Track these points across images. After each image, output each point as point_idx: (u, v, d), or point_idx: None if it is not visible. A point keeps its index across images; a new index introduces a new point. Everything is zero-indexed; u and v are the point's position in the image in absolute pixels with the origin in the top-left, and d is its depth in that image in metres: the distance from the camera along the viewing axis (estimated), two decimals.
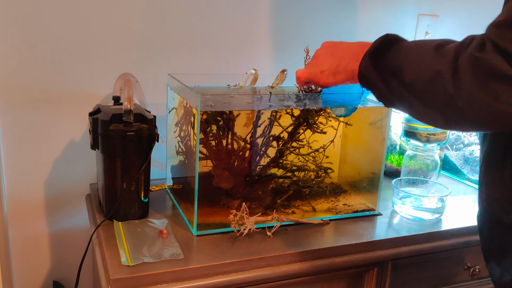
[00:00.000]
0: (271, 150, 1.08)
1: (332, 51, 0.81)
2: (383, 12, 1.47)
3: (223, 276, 0.88)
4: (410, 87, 0.64)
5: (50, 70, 1.16)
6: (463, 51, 0.58)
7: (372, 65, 0.70)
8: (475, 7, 1.60)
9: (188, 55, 1.28)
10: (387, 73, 0.68)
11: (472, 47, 0.57)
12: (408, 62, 0.65)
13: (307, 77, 0.84)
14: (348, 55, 0.77)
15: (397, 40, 0.70)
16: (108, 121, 0.96)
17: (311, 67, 0.84)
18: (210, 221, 1.00)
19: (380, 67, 0.69)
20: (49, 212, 1.26)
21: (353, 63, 0.75)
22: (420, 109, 0.65)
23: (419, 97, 0.63)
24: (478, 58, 0.56)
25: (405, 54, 0.66)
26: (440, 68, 0.60)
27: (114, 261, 0.86)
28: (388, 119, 1.08)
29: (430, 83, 0.61)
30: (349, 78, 0.77)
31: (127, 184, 0.99)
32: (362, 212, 1.11)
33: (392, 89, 0.67)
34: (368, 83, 0.72)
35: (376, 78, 0.69)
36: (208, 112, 0.98)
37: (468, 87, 0.57)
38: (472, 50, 0.57)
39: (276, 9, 1.34)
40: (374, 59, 0.70)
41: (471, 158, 1.35)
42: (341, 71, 0.77)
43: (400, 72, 0.65)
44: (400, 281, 1.08)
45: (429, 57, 0.62)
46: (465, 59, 0.57)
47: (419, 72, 0.63)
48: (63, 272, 1.31)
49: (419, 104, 0.64)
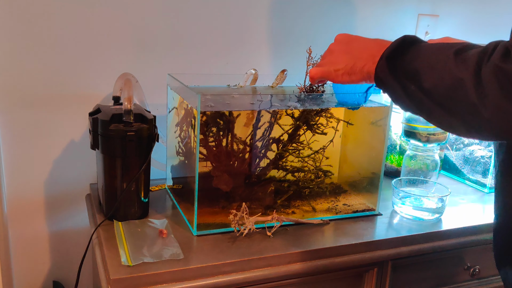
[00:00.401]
0: (271, 152, 1.08)
1: (347, 49, 0.78)
2: (383, 12, 1.47)
3: (223, 276, 0.88)
4: (430, 93, 0.62)
5: (50, 70, 1.16)
6: (486, 59, 0.56)
7: (388, 69, 0.67)
8: (475, 7, 1.60)
9: (188, 55, 1.28)
10: (404, 77, 0.65)
11: (496, 56, 0.55)
12: (427, 67, 0.62)
13: (321, 76, 0.81)
14: (365, 55, 0.74)
15: (415, 42, 0.67)
16: (108, 121, 0.96)
17: (325, 65, 0.81)
18: (210, 221, 1.00)
19: (397, 70, 0.67)
20: (49, 212, 1.26)
21: (370, 65, 0.72)
22: (440, 116, 0.63)
23: (440, 104, 0.61)
24: (503, 68, 0.54)
25: (423, 58, 0.64)
26: (461, 76, 0.58)
27: (114, 261, 0.86)
28: (388, 119, 1.08)
29: (452, 91, 0.59)
30: (365, 79, 0.74)
31: (127, 184, 0.99)
32: (362, 212, 1.11)
33: (410, 94, 0.65)
34: (385, 87, 0.70)
35: (393, 82, 0.67)
36: (208, 114, 0.98)
37: (494, 97, 0.55)
38: (496, 60, 0.55)
39: (276, 9, 1.34)
40: (391, 62, 0.67)
41: (471, 158, 1.35)
42: (356, 72, 0.75)
43: (418, 77, 0.63)
44: (400, 281, 1.08)
45: (449, 63, 0.60)
46: (489, 69, 0.55)
47: (438, 78, 0.61)
48: (63, 272, 1.31)
49: (439, 110, 0.62)
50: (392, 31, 1.49)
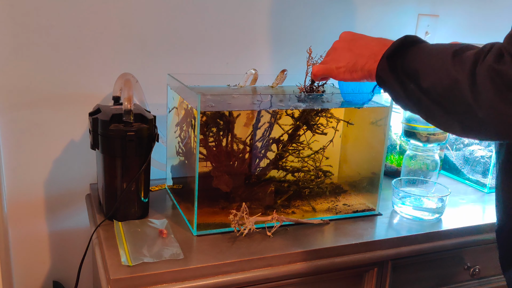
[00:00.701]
0: (271, 152, 1.08)
1: (350, 46, 0.80)
2: (383, 12, 1.47)
3: (223, 276, 0.88)
4: (428, 92, 0.63)
5: (50, 70, 1.16)
6: (481, 61, 0.57)
7: (389, 68, 0.69)
8: (475, 7, 1.60)
9: (188, 55, 1.28)
10: (404, 77, 0.67)
11: (490, 58, 0.57)
12: (426, 67, 0.64)
13: (323, 73, 0.83)
14: (367, 53, 0.75)
15: (416, 42, 0.68)
16: (108, 121, 0.96)
17: (328, 62, 0.82)
18: (210, 221, 1.00)
19: (397, 70, 0.68)
20: (49, 212, 1.26)
21: (371, 63, 0.73)
22: (438, 116, 0.64)
23: (438, 103, 0.62)
24: (496, 70, 0.56)
25: (423, 58, 0.65)
26: (457, 77, 0.59)
27: (114, 261, 0.86)
28: (388, 119, 1.08)
29: (448, 90, 0.60)
30: (366, 77, 0.76)
31: (127, 184, 0.99)
32: (362, 212, 1.11)
33: (409, 93, 0.66)
34: (385, 85, 0.71)
35: (393, 81, 0.68)
36: (208, 114, 0.98)
37: (488, 98, 0.56)
38: (490, 61, 0.56)
39: (276, 9, 1.34)
40: (392, 62, 0.69)
41: (471, 158, 1.35)
42: (358, 70, 0.76)
43: (417, 76, 0.64)
44: (400, 281, 1.08)
45: (447, 63, 0.61)
46: (483, 70, 0.57)
47: (436, 78, 0.62)
48: (63, 272, 1.31)
49: (437, 110, 0.63)
50: (392, 31, 1.49)
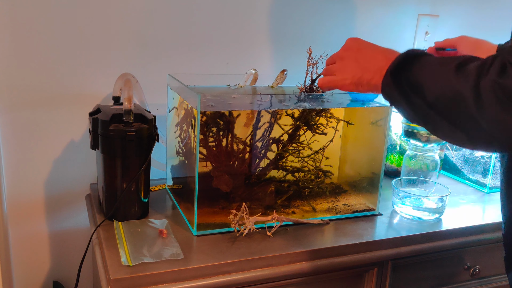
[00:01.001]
0: (271, 152, 1.08)
1: (357, 57, 0.79)
2: (383, 12, 1.47)
3: (223, 276, 0.88)
4: (433, 106, 0.63)
5: (50, 70, 1.16)
6: (484, 75, 0.58)
7: (393, 83, 0.69)
8: (475, 7, 1.60)
9: (188, 55, 1.28)
10: (409, 91, 0.67)
11: (493, 72, 0.57)
12: (430, 81, 0.64)
13: (328, 86, 0.84)
14: (372, 68, 0.75)
15: (418, 56, 0.68)
16: (108, 121, 0.96)
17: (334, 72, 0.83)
18: (210, 221, 1.00)
19: (402, 85, 0.68)
20: (49, 212, 1.26)
21: (377, 78, 0.73)
22: (445, 129, 0.64)
23: (444, 116, 0.63)
24: (500, 84, 0.56)
25: (426, 72, 0.65)
26: (461, 90, 0.59)
27: (114, 261, 0.86)
28: (388, 119, 1.08)
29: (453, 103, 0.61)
30: (372, 91, 0.76)
31: (127, 184, 0.99)
32: (362, 212, 1.11)
33: (415, 107, 0.66)
34: (391, 100, 0.71)
35: (399, 96, 0.68)
36: (208, 114, 0.98)
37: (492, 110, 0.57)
38: (493, 75, 0.57)
39: (276, 9, 1.34)
40: (396, 77, 0.69)
41: (471, 158, 1.35)
42: (364, 84, 0.77)
43: (422, 90, 0.64)
44: (400, 281, 1.08)
45: (450, 76, 0.61)
46: (487, 84, 0.57)
47: (441, 91, 0.62)
48: (63, 272, 1.31)
49: (443, 122, 0.63)
50: (392, 31, 1.49)
